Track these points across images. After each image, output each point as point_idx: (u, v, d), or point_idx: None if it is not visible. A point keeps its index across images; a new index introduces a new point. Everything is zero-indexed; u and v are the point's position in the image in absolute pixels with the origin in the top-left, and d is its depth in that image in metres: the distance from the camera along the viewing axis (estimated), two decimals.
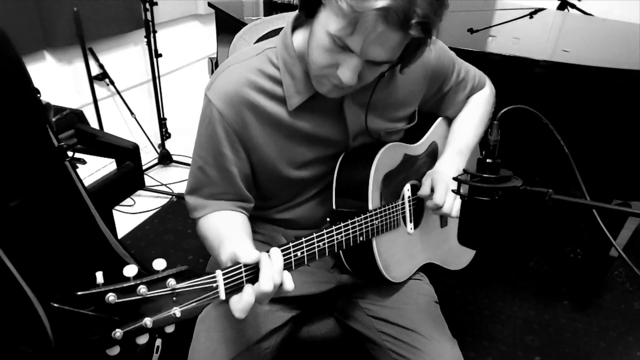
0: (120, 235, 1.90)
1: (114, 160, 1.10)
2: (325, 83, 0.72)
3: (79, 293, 0.49)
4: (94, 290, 0.50)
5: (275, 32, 1.12)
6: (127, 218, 2.05)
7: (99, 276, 0.51)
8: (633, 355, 1.54)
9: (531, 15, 2.24)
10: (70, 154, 0.89)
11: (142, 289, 0.53)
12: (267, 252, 0.64)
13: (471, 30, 1.88)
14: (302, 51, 0.76)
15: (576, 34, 1.96)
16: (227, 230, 0.75)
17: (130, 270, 0.53)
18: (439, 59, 0.89)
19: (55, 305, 0.47)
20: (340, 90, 0.73)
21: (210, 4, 1.79)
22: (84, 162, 1.03)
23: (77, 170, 0.92)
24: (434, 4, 0.61)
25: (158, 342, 0.74)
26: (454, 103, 0.98)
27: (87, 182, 1.03)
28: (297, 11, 0.75)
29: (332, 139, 0.84)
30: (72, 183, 0.83)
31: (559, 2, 2.36)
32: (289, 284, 0.62)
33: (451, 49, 0.94)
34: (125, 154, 1.13)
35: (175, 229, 2.01)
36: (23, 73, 0.73)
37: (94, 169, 1.06)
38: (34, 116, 0.77)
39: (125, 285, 0.52)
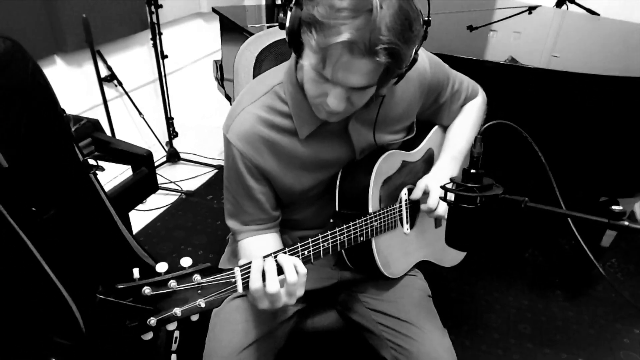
0: (133, 232, 1.98)
1: (130, 167, 1.18)
2: (322, 110, 0.78)
3: (120, 286, 0.57)
4: (133, 284, 0.58)
5: (278, 43, 1.19)
6: (139, 215, 2.13)
7: (136, 272, 0.60)
8: (620, 342, 1.62)
9: (530, 11, 2.27)
10: (92, 162, 0.97)
11: (173, 283, 0.62)
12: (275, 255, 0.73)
13: (470, 28, 1.94)
14: None
15: (573, 35, 2.00)
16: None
17: (162, 266, 0.62)
18: (434, 75, 0.94)
19: (101, 296, 0.55)
20: (337, 115, 0.79)
21: (214, 10, 1.84)
22: (102, 169, 1.11)
23: (98, 177, 1.00)
24: (398, 30, 0.64)
25: (176, 332, 0.83)
26: (448, 112, 1.04)
27: (107, 187, 1.12)
28: None
29: (340, 158, 0.91)
30: (96, 192, 0.91)
31: None
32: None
33: (443, 55, 1.00)
34: (140, 160, 1.22)
35: (185, 225, 2.09)
36: (52, 97, 0.81)
37: (112, 175, 1.14)
38: (63, 135, 0.85)
39: (158, 279, 0.61)
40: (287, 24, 0.70)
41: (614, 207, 0.61)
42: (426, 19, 0.72)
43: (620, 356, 1.57)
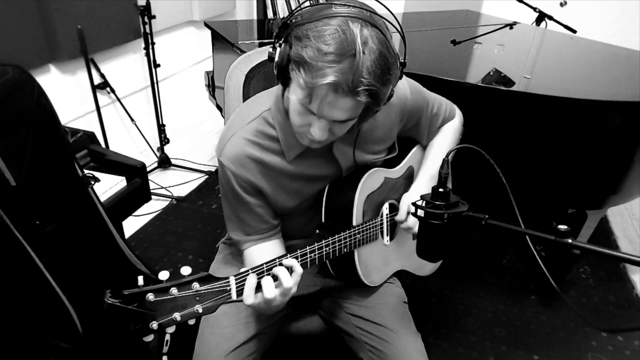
0: (125, 237, 2.03)
1: (124, 177, 1.23)
2: (305, 138, 0.85)
3: (126, 292, 0.63)
4: (138, 290, 0.64)
5: (266, 62, 1.25)
6: (130, 220, 2.16)
7: (140, 279, 0.66)
8: (588, 344, 1.71)
9: (511, 27, 2.38)
10: (88, 172, 1.03)
11: (174, 290, 0.68)
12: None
13: (454, 42, 2.03)
14: None
15: (553, 49, 2.10)
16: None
17: (164, 275, 0.68)
18: (415, 101, 1.02)
19: (109, 301, 0.61)
20: (319, 143, 0.85)
21: (206, 24, 1.89)
22: (98, 180, 1.17)
23: (95, 188, 1.06)
24: (378, 74, 0.71)
25: (167, 336, 0.90)
26: (427, 134, 1.12)
27: (103, 197, 1.17)
28: None
29: (328, 175, 0.98)
30: (93, 204, 0.97)
31: (537, 14, 2.48)
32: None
33: (422, 77, 1.06)
34: (134, 171, 1.27)
35: (175, 231, 2.14)
36: (55, 118, 0.87)
37: (107, 186, 1.20)
38: (64, 153, 0.91)
39: (161, 286, 0.67)
40: (276, 59, 0.77)
41: (559, 226, 0.69)
42: (402, 61, 0.80)
43: (587, 358, 1.66)
